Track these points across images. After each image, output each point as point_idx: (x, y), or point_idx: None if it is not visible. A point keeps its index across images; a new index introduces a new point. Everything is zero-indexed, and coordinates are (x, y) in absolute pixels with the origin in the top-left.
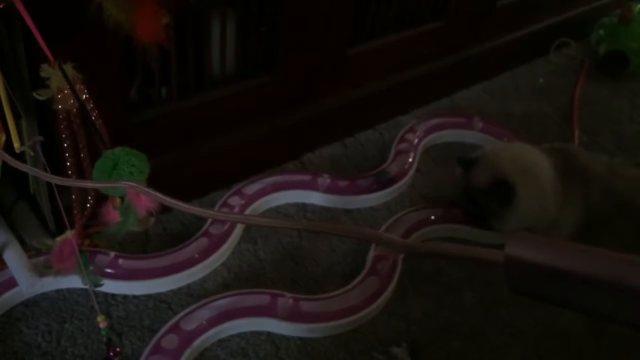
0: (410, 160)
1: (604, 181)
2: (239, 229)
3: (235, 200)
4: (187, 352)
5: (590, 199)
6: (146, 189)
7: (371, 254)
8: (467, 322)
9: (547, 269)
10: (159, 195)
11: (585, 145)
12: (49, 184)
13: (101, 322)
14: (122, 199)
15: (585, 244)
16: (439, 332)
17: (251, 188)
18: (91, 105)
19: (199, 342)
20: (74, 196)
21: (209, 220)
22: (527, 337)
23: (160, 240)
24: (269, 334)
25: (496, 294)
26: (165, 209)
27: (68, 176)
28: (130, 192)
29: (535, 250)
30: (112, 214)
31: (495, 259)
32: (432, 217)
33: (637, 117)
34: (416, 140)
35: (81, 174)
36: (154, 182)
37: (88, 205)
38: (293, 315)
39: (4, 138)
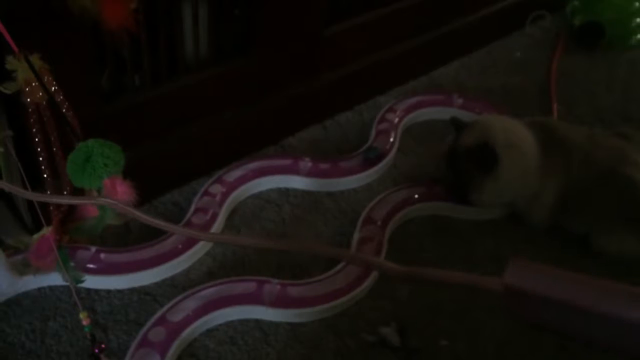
0: (392, 140)
1: (584, 152)
2: (221, 217)
3: (217, 188)
4: (175, 343)
5: (571, 171)
6: (126, 207)
7: (356, 236)
8: (453, 300)
9: (546, 299)
10: (137, 213)
11: (563, 117)
12: (23, 182)
13: (84, 319)
14: (99, 192)
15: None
16: (426, 310)
17: (232, 175)
18: (61, 97)
19: (186, 333)
20: (49, 192)
21: (192, 210)
22: None
23: (142, 233)
24: (257, 321)
25: (482, 271)
26: (144, 201)
27: (41, 171)
28: (106, 184)
29: (534, 280)
30: (90, 208)
31: (494, 287)
32: (416, 196)
33: (614, 87)
34: (396, 120)
35: (54, 168)
36: (131, 173)
37: None
38: (280, 301)
39: None
